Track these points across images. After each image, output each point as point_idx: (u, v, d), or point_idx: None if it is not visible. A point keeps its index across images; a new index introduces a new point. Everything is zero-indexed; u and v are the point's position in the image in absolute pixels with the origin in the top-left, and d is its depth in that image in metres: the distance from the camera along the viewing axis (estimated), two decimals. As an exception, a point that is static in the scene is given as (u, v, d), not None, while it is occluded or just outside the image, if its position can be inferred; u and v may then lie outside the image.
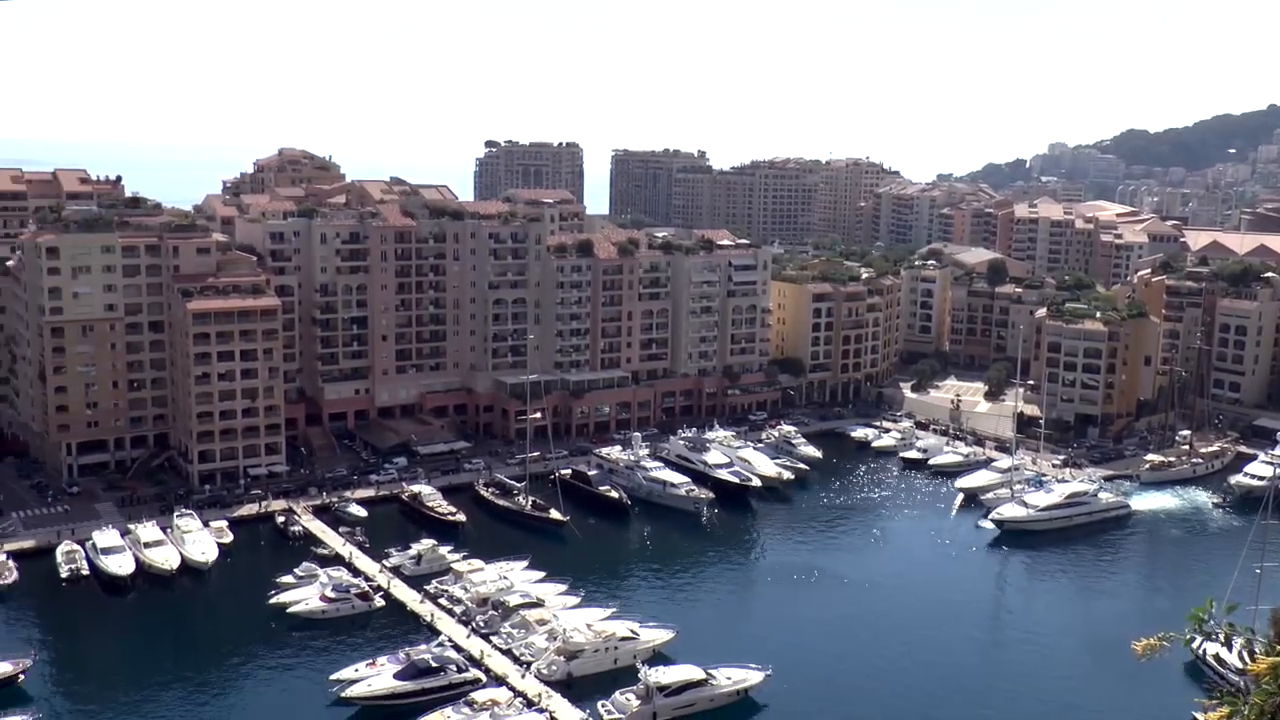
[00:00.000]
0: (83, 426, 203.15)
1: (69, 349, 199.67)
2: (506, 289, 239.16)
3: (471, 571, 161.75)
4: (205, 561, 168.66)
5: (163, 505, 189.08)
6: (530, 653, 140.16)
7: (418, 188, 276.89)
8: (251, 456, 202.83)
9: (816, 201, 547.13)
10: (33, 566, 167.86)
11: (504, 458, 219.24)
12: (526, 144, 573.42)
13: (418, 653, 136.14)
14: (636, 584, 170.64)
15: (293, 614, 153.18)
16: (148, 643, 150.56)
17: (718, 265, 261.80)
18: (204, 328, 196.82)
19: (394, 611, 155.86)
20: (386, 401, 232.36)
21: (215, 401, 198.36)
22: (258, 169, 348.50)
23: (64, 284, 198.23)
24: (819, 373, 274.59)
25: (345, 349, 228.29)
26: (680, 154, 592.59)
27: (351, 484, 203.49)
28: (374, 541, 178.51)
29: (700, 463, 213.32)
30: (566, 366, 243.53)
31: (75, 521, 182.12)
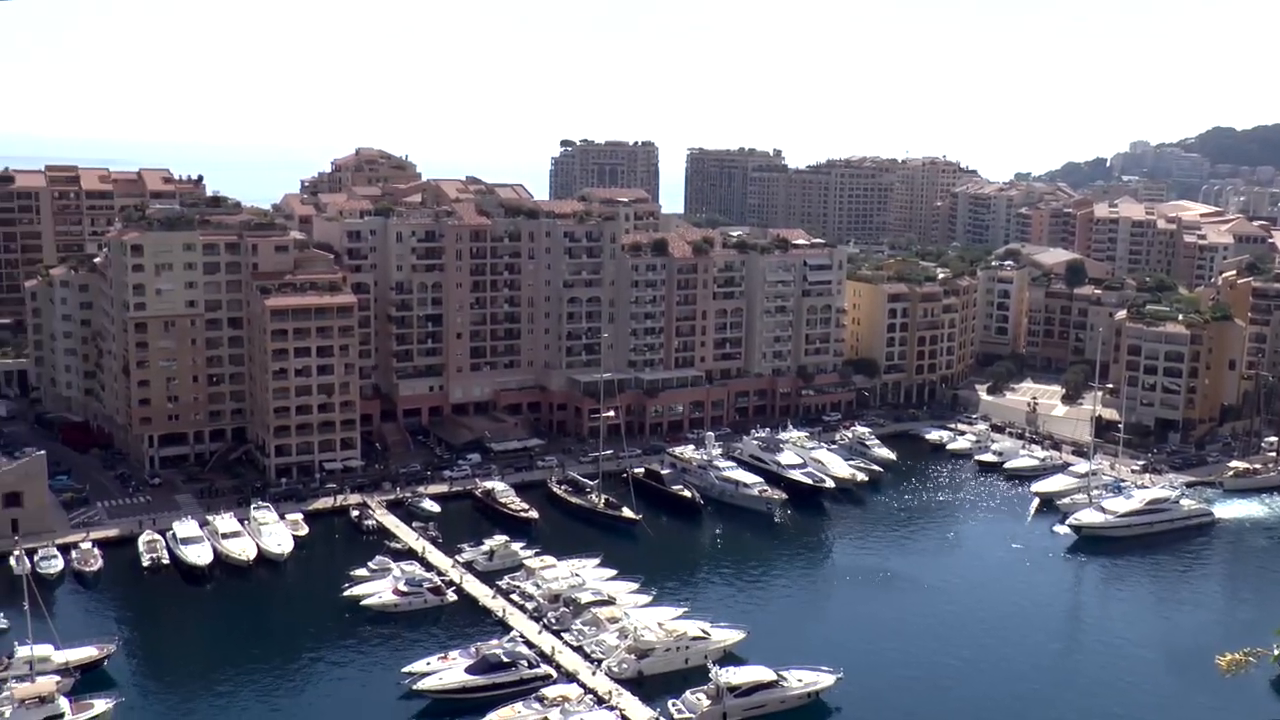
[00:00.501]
0: (164, 420, 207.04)
1: (151, 344, 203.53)
2: (581, 287, 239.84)
3: (543, 568, 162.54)
4: (281, 553, 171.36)
5: (240, 498, 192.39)
6: (601, 650, 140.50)
7: (493, 187, 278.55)
8: (327, 451, 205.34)
9: (892, 201, 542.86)
10: (116, 554, 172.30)
11: (577, 455, 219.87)
12: (602, 143, 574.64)
13: (489, 648, 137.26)
14: (708, 584, 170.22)
15: (366, 607, 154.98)
16: (225, 631, 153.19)
17: (793, 265, 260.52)
18: (282, 324, 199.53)
19: (466, 606, 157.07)
20: (461, 398, 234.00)
21: (292, 397, 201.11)
22: (335, 168, 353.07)
23: (147, 281, 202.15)
24: (893, 374, 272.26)
25: (420, 346, 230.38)
26: (756, 153, 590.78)
27: (425, 479, 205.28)
28: (447, 537, 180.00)
29: (773, 463, 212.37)
30: (640, 365, 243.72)
31: (156, 512, 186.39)
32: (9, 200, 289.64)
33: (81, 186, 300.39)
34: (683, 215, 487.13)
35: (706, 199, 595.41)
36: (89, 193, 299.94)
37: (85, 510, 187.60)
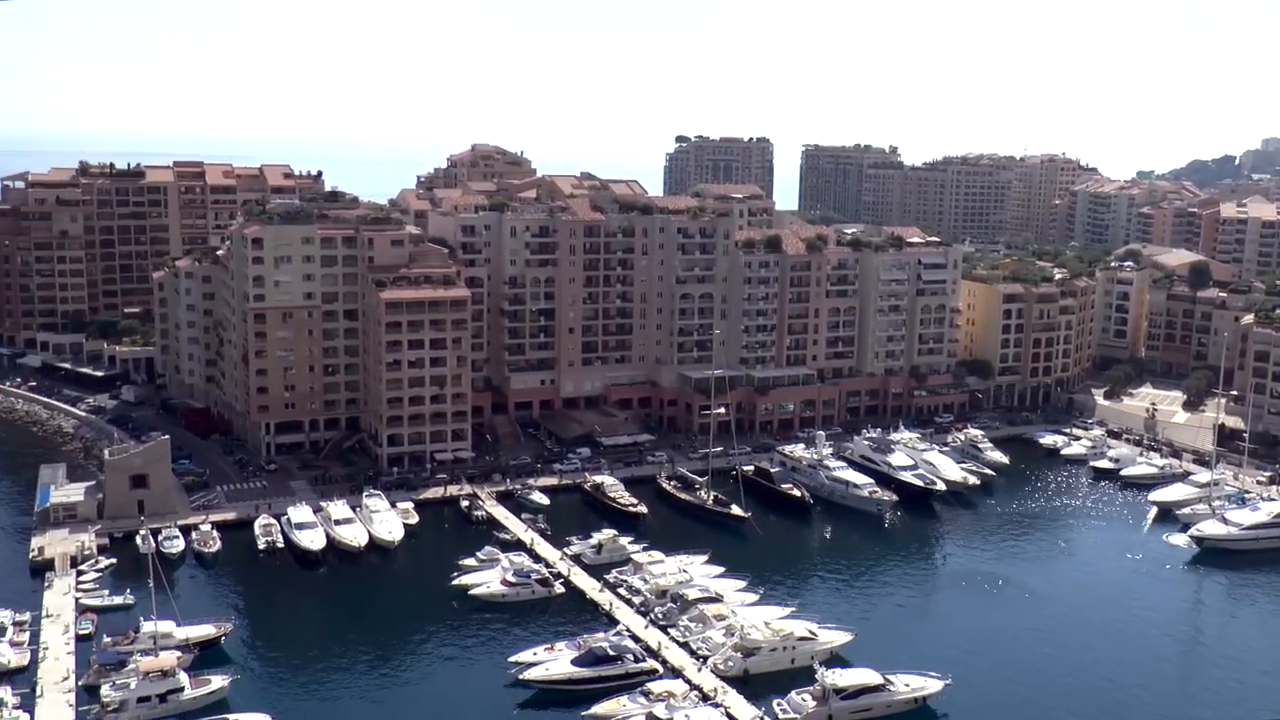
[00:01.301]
0: (281, 408, 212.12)
1: (270, 334, 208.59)
2: (694, 284, 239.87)
3: (651, 563, 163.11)
4: (392, 540, 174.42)
5: (353, 485, 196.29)
6: (707, 647, 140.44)
7: (607, 182, 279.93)
8: (438, 442, 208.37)
9: (1009, 199, 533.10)
10: (233, 537, 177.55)
11: (686, 452, 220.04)
12: (717, 139, 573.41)
13: (596, 640, 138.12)
14: (816, 584, 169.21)
15: (474, 596, 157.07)
16: (336, 614, 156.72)
17: (907, 263, 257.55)
18: (396, 316, 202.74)
19: (573, 599, 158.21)
20: (571, 392, 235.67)
21: (405, 388, 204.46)
22: (451, 164, 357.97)
23: (267, 273, 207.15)
24: (1008, 376, 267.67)
25: (532, 340, 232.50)
26: (871, 149, 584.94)
27: (535, 472, 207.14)
28: (555, 529, 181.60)
29: (884, 464, 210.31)
30: (751, 362, 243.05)
31: (272, 497, 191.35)
32: (139, 195, 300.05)
33: (206, 182, 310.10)
34: (796, 212, 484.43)
35: (821, 196, 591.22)
36: (213, 188, 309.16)
37: (205, 493, 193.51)
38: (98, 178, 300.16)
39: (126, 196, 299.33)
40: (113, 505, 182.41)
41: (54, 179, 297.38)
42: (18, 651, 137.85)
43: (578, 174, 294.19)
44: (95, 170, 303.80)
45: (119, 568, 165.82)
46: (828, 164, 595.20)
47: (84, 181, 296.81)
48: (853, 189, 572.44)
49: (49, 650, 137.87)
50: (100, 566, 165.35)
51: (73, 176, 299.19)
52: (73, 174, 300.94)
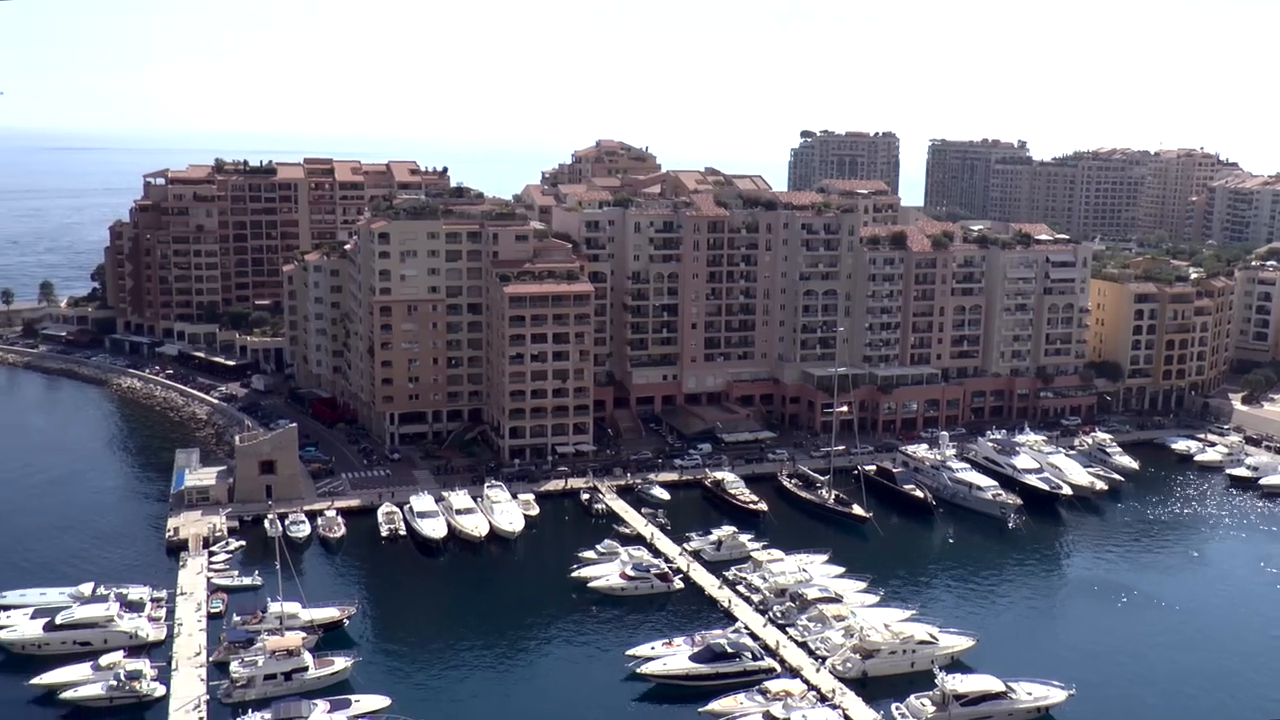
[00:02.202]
0: (405, 399, 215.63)
1: (395, 327, 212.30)
2: (817, 280, 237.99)
3: (771, 561, 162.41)
4: (512, 531, 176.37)
5: (474, 476, 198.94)
6: (826, 648, 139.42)
7: (732, 178, 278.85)
8: (560, 435, 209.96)
9: (1143, 195, 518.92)
10: (357, 523, 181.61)
11: (808, 450, 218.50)
12: (842, 134, 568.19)
13: (714, 637, 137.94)
14: (937, 587, 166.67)
15: (593, 589, 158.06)
16: (456, 602, 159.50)
17: (1034, 261, 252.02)
18: (520, 310, 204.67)
19: (692, 594, 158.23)
20: (693, 388, 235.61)
21: (528, 381, 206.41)
22: (576, 160, 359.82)
23: (393, 266, 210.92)
24: (1139, 378, 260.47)
25: (655, 335, 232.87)
26: (999, 144, 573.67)
27: (655, 467, 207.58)
28: (675, 524, 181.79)
29: (1009, 466, 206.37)
30: (875, 360, 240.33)
31: (395, 485, 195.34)
32: (271, 191, 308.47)
33: (335, 178, 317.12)
34: (922, 208, 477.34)
35: (947, 191, 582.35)
36: (342, 184, 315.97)
37: (330, 480, 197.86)
38: (232, 175, 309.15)
39: (259, 193, 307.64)
40: (243, 490, 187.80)
41: (191, 176, 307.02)
42: (155, 626, 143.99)
43: (702, 169, 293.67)
44: (230, 168, 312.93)
45: (248, 550, 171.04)
46: (954, 159, 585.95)
47: (219, 178, 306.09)
48: (980, 184, 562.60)
49: (183, 626, 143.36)
50: (230, 548, 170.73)
51: (209, 174, 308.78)
52: (209, 171, 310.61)
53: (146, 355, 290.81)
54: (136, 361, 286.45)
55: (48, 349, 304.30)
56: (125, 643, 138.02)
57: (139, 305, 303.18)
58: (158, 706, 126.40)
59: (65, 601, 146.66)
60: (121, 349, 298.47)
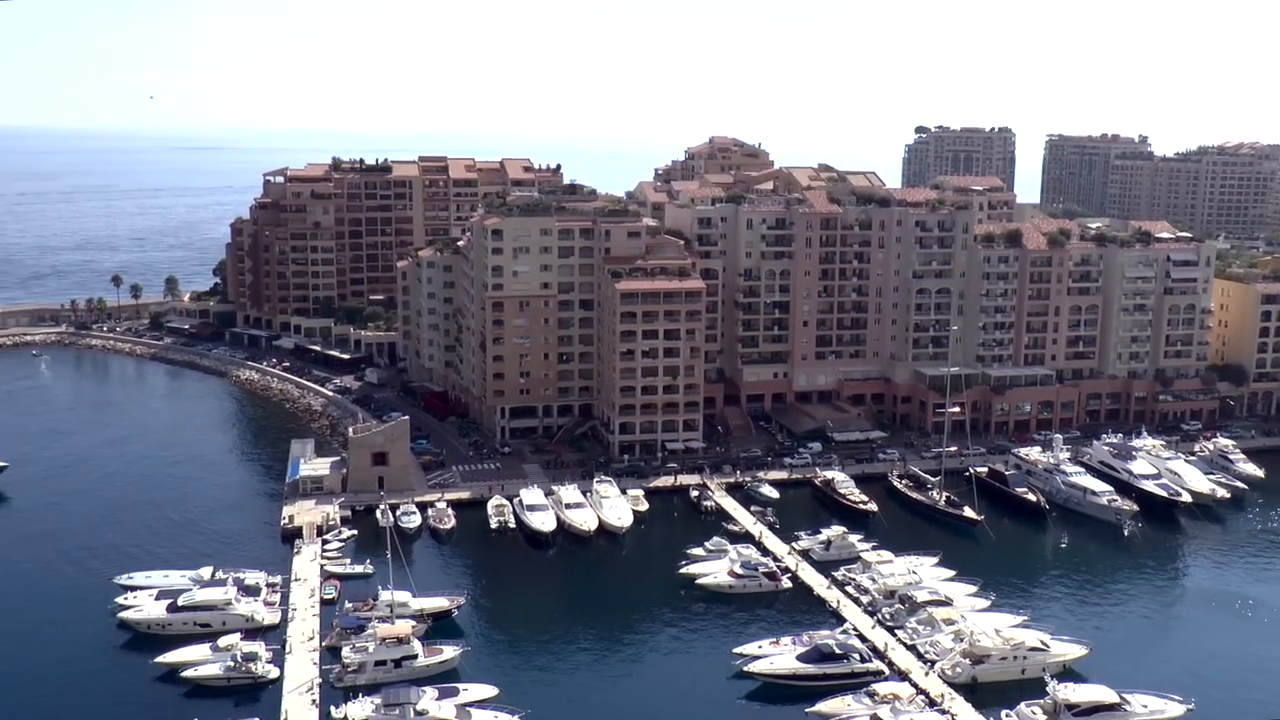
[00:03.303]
0: (516, 393, 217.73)
1: (507, 322, 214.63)
2: (930, 278, 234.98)
3: (880, 562, 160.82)
4: (621, 526, 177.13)
5: (584, 471, 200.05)
6: (935, 651, 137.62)
7: (845, 174, 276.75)
8: (670, 431, 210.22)
9: (1272, 191, 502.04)
10: (467, 515, 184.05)
11: (919, 450, 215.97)
12: (957, 129, 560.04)
13: (822, 637, 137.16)
14: (1050, 593, 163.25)
15: (701, 586, 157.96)
16: (565, 595, 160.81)
17: (1155, 260, 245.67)
18: (631, 307, 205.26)
19: (800, 594, 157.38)
20: (804, 386, 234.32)
21: (638, 377, 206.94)
22: (689, 157, 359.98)
23: (505, 263, 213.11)
24: (1265, 382, 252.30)
25: (766, 333, 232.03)
26: (1119, 139, 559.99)
27: (765, 465, 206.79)
28: (784, 523, 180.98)
29: (1125, 471, 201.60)
30: (988, 360, 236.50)
31: (505, 479, 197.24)
32: (386, 189, 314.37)
33: (449, 175, 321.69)
34: (1038, 205, 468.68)
35: (1064, 188, 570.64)
36: (456, 181, 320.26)
37: (441, 473, 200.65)
38: (348, 173, 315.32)
39: (374, 190, 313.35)
40: (355, 480, 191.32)
41: (309, 174, 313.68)
42: (270, 610, 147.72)
43: (815, 166, 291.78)
44: (346, 166, 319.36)
45: (360, 539, 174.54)
46: (1072, 154, 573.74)
47: (336, 176, 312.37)
48: (1098, 181, 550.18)
49: (297, 611, 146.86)
50: (343, 537, 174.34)
51: (326, 172, 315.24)
52: (326, 170, 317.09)
53: (264, 348, 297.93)
54: (255, 354, 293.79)
55: (172, 341, 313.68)
56: (242, 625, 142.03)
57: (258, 300, 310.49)
58: (272, 688, 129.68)
59: (186, 584, 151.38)
60: (241, 342, 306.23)
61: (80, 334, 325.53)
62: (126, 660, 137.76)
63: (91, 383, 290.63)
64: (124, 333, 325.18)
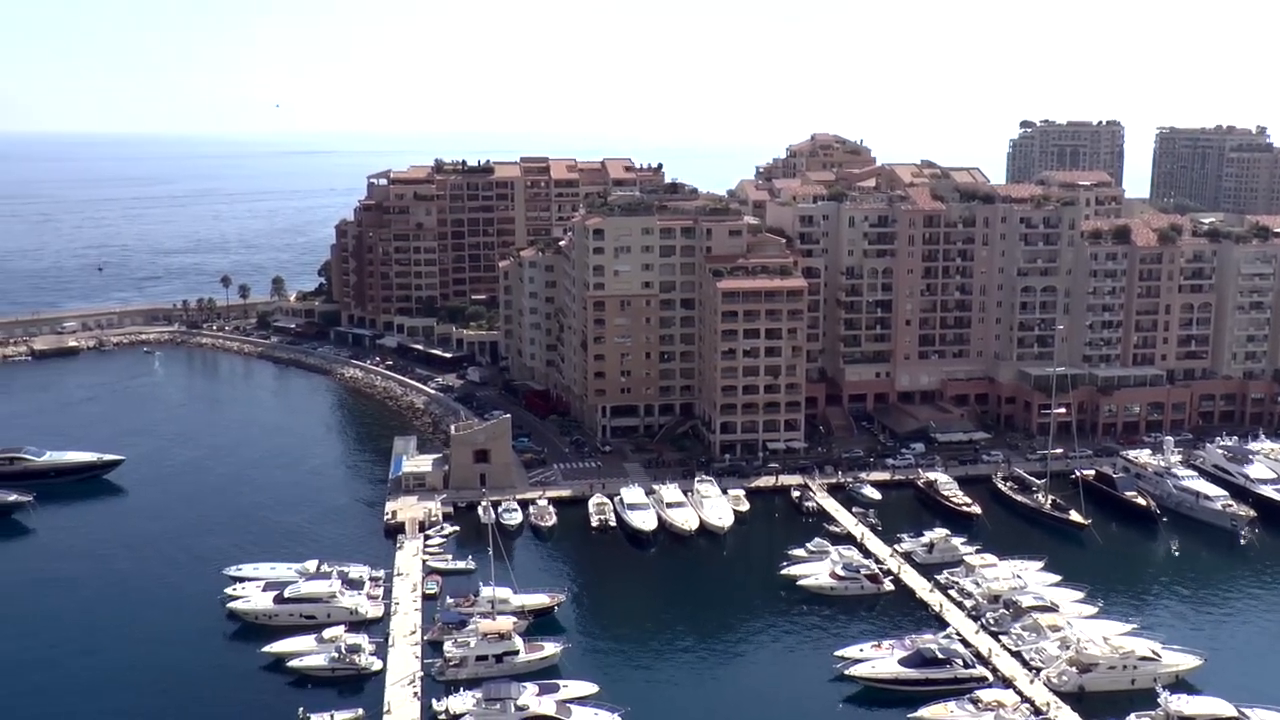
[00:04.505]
0: (617, 392, 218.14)
1: (608, 321, 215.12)
2: (1035, 276, 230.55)
3: (984, 566, 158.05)
4: (721, 526, 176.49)
5: (685, 470, 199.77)
6: (1040, 658, 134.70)
7: (948, 170, 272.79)
8: (771, 431, 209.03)
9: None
10: (568, 513, 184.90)
11: (1024, 452, 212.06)
12: (1063, 123, 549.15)
13: (924, 641, 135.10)
14: (1161, 601, 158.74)
15: (802, 587, 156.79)
16: (665, 594, 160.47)
17: (1273, 256, 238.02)
18: (732, 306, 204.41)
19: (902, 597, 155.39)
20: (906, 386, 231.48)
21: (739, 376, 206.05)
22: (790, 154, 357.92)
23: (607, 262, 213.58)
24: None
25: (868, 332, 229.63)
26: (1234, 130, 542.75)
27: (867, 466, 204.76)
28: (886, 525, 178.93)
29: (1240, 475, 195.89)
30: (1095, 360, 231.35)
31: (606, 477, 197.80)
32: (488, 189, 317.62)
33: (551, 176, 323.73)
34: (1148, 200, 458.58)
35: (1175, 182, 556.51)
36: (557, 181, 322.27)
37: (543, 471, 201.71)
38: (451, 174, 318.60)
39: (477, 191, 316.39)
40: (457, 477, 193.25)
41: (412, 176, 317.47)
42: (373, 604, 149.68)
43: (918, 162, 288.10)
44: (449, 168, 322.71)
45: (461, 535, 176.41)
46: (1184, 147, 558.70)
47: (439, 178, 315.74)
48: (1212, 174, 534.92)
49: (399, 605, 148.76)
50: (445, 533, 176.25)
51: (429, 173, 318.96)
52: (429, 171, 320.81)
53: (368, 347, 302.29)
54: (358, 353, 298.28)
55: (278, 340, 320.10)
56: (346, 618, 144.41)
57: (361, 299, 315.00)
58: (375, 680, 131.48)
59: (292, 576, 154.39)
60: (345, 341, 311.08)
61: (191, 333, 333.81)
62: (235, 649, 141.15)
63: (202, 380, 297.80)
64: (232, 331, 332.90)
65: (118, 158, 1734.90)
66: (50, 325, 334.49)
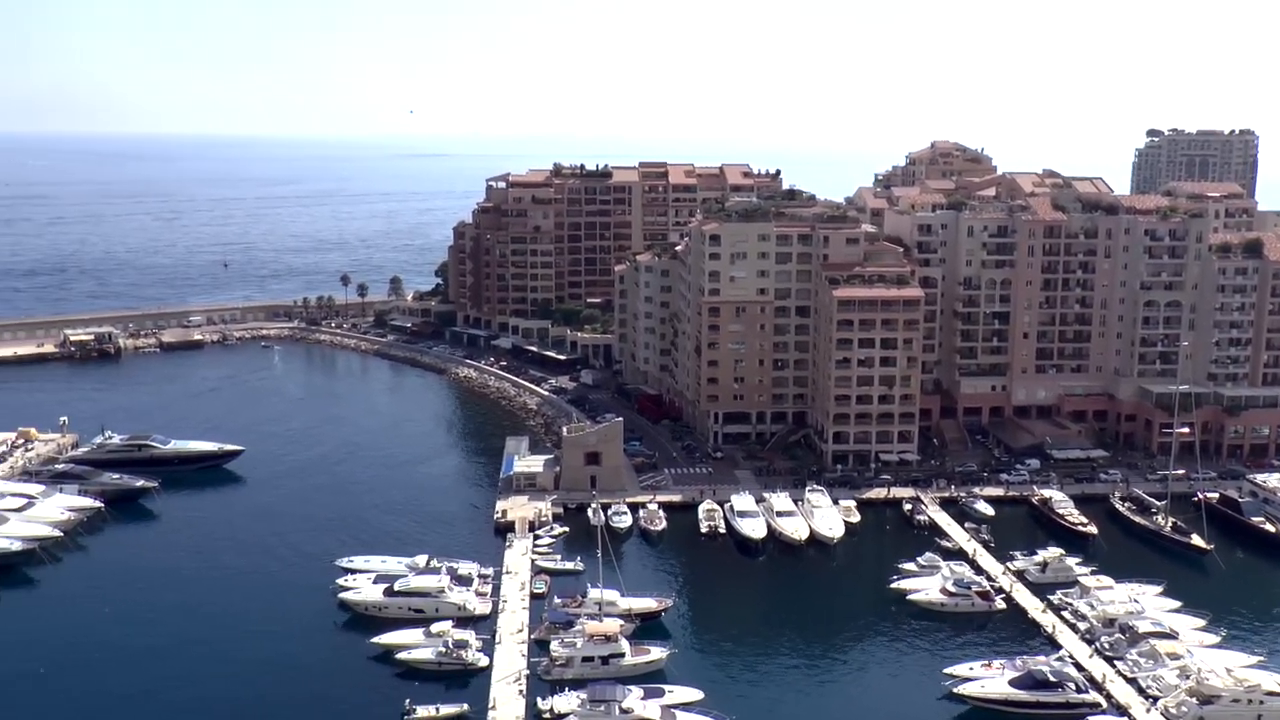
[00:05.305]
0: (729, 398, 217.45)
1: (723, 327, 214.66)
2: (1160, 290, 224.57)
3: (1099, 588, 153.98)
4: (832, 537, 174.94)
5: (796, 479, 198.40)
6: (1158, 687, 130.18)
7: (1071, 180, 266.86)
8: (884, 442, 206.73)
9: None
10: (677, 518, 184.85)
11: (1143, 472, 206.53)
12: (1193, 132, 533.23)
13: (1036, 663, 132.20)
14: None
15: (912, 602, 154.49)
16: (773, 603, 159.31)
17: None
18: (848, 314, 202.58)
19: (1014, 616, 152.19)
20: (1023, 400, 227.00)
21: (853, 386, 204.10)
22: (910, 162, 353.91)
23: (723, 268, 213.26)
24: None
25: (985, 344, 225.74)
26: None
27: (980, 480, 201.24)
28: (999, 541, 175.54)
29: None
30: (1221, 379, 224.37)
31: (716, 484, 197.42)
32: (606, 194, 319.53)
33: (669, 181, 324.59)
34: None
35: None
36: (675, 186, 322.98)
37: (653, 475, 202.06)
38: (569, 178, 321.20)
39: (594, 195, 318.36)
40: (568, 478, 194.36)
41: (530, 179, 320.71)
42: (481, 601, 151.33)
43: (1039, 171, 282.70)
44: (567, 172, 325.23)
45: (570, 536, 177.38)
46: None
47: (557, 182, 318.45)
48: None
49: (507, 603, 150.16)
50: (554, 533, 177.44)
51: (547, 177, 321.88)
52: (547, 175, 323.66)
53: (483, 347, 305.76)
54: (473, 353, 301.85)
55: (394, 339, 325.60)
56: (454, 613, 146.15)
57: (477, 300, 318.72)
58: (481, 676, 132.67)
59: (403, 570, 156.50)
60: (460, 341, 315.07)
61: (310, 329, 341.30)
62: (345, 639, 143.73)
63: (320, 376, 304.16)
64: (350, 329, 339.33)
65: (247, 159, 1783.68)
66: (178, 319, 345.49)
